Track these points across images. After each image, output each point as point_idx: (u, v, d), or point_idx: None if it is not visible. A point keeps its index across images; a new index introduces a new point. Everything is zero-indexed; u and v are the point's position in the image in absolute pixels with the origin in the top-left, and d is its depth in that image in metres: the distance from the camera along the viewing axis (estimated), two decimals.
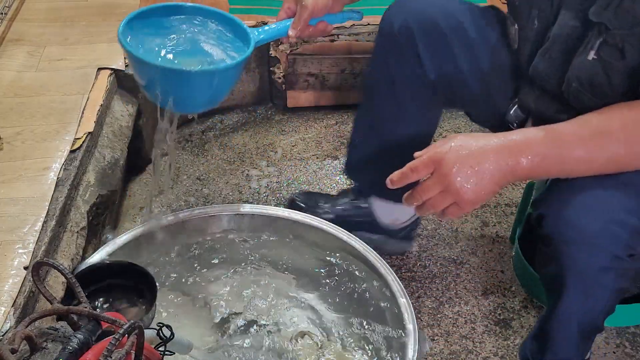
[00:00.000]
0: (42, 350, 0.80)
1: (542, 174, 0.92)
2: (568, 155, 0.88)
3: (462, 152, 0.88)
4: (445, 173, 0.88)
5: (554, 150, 0.88)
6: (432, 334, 1.37)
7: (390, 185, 0.94)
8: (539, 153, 0.88)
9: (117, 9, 1.82)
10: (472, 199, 0.89)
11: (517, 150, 0.88)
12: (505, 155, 0.88)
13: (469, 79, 1.21)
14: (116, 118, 1.53)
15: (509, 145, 0.88)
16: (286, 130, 1.94)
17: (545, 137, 0.89)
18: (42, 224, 1.13)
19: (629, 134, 0.88)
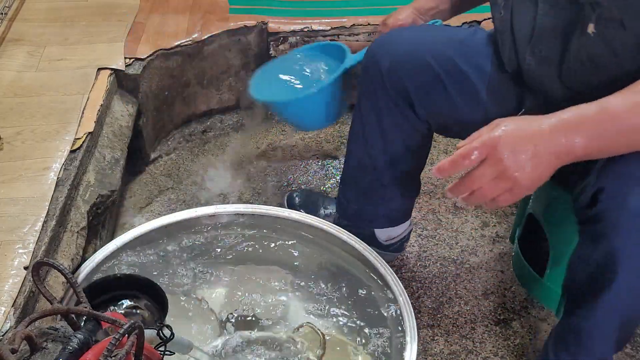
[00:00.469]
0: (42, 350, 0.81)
1: (600, 151, 0.85)
2: (624, 127, 0.83)
3: (516, 135, 0.83)
4: (500, 158, 0.83)
5: (608, 123, 0.82)
6: (432, 334, 1.37)
7: (439, 175, 0.88)
8: (592, 129, 0.82)
9: (117, 9, 1.82)
10: (528, 184, 0.84)
11: (572, 128, 0.83)
12: (560, 136, 0.82)
13: (466, 113, 1.18)
14: (116, 118, 1.53)
15: (563, 125, 0.83)
16: (286, 130, 1.94)
17: (598, 112, 0.83)
18: (42, 224, 1.13)
19: None
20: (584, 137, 0.82)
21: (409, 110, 1.21)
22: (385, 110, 1.23)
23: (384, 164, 1.29)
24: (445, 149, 1.87)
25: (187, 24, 1.80)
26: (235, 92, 1.94)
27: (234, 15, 1.85)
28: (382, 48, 1.22)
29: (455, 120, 1.20)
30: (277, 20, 1.84)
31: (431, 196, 1.71)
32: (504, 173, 0.83)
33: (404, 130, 1.24)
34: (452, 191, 0.89)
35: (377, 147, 1.28)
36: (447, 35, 1.21)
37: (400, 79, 1.18)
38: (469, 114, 1.18)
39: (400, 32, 1.25)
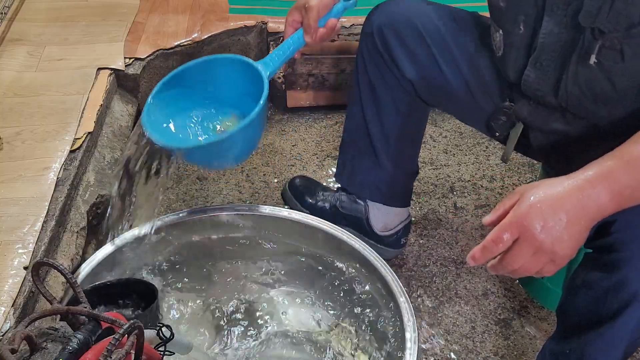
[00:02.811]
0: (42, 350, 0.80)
1: (631, 201, 0.81)
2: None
3: (543, 207, 0.79)
4: (532, 235, 0.80)
5: (633, 173, 0.80)
6: (432, 334, 1.37)
7: (473, 263, 0.84)
8: (622, 182, 0.79)
9: (117, 9, 1.82)
10: (568, 253, 0.81)
11: (599, 186, 0.79)
12: (589, 196, 0.79)
13: (449, 80, 1.22)
14: (116, 118, 1.53)
15: (589, 184, 0.80)
16: (286, 130, 1.94)
17: (620, 164, 0.80)
18: (42, 224, 1.13)
19: None
20: (612, 192, 0.79)
21: (395, 68, 1.25)
22: (375, 69, 1.27)
23: (376, 127, 1.33)
24: (445, 148, 1.87)
25: (187, 23, 1.80)
26: None
27: (233, 15, 1.85)
28: (379, 10, 1.28)
29: (438, 84, 1.23)
30: (277, 20, 1.84)
31: (431, 196, 1.71)
32: (542, 248, 0.80)
33: (393, 89, 1.27)
34: (494, 269, 0.87)
35: (370, 108, 1.32)
36: (442, 10, 1.24)
37: (388, 37, 1.23)
38: (452, 81, 1.21)
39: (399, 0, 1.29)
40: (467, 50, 1.20)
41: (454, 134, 1.92)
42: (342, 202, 1.47)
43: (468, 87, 1.21)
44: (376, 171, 1.38)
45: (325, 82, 1.94)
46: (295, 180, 1.59)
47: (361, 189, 1.43)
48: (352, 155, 1.41)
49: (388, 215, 1.45)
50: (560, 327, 1.09)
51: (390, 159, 1.36)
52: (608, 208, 0.80)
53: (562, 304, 1.06)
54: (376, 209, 1.44)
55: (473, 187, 1.74)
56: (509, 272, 0.85)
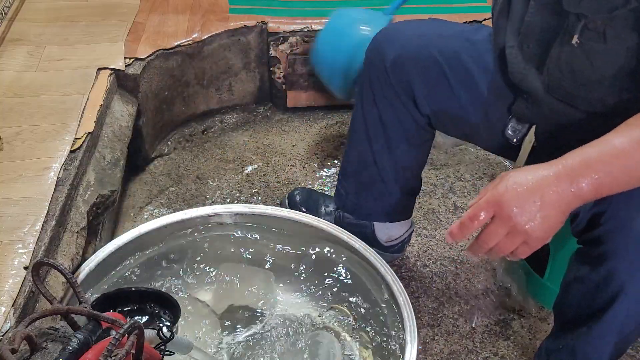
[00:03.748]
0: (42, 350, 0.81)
1: (609, 190, 0.82)
2: (631, 163, 0.81)
3: (520, 189, 0.82)
4: (507, 215, 0.82)
5: (614, 163, 0.81)
6: (432, 334, 1.37)
7: (450, 240, 0.88)
8: (600, 170, 0.80)
9: (117, 9, 1.82)
10: (541, 235, 0.83)
11: (578, 173, 0.81)
12: (566, 182, 0.81)
13: (466, 108, 1.17)
14: (116, 118, 1.53)
15: (566, 171, 0.81)
16: (286, 130, 1.94)
17: (602, 153, 0.81)
18: (42, 224, 1.13)
19: None
20: (591, 180, 0.80)
21: (411, 104, 1.21)
22: (387, 103, 1.22)
23: (385, 159, 1.29)
24: (446, 149, 1.87)
25: (187, 23, 1.80)
26: (235, 92, 1.94)
27: (233, 15, 1.85)
28: (388, 39, 1.20)
29: (456, 117, 1.20)
30: (277, 20, 1.84)
31: (431, 196, 1.71)
32: (515, 228, 0.82)
33: (405, 125, 1.24)
34: (471, 250, 0.89)
35: (379, 141, 1.28)
36: (453, 30, 1.21)
37: (405, 72, 1.17)
38: (471, 112, 1.18)
39: (406, 24, 1.24)
40: (488, 69, 1.14)
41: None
42: (346, 218, 1.46)
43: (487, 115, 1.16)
44: (383, 199, 1.37)
45: None
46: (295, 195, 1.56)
47: (368, 217, 1.42)
48: (357, 186, 1.38)
49: (393, 229, 1.44)
50: (556, 324, 1.09)
51: (399, 185, 1.34)
52: (585, 195, 0.81)
53: (557, 301, 1.07)
54: (381, 225, 1.43)
55: (473, 187, 1.74)
56: (485, 252, 0.87)
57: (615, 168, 0.81)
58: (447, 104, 1.18)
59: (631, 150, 0.81)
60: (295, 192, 1.58)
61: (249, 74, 1.93)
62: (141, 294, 1.09)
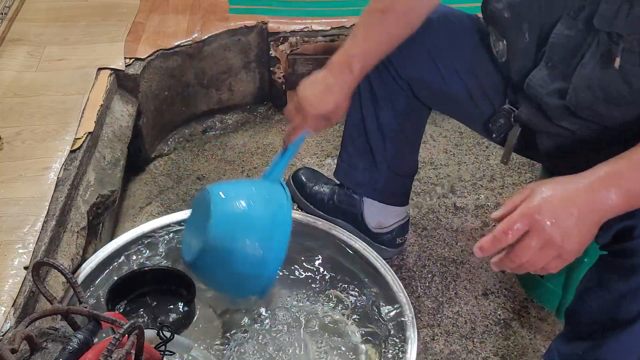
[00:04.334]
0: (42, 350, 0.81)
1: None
2: None
3: (555, 201, 0.81)
4: (543, 228, 0.81)
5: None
6: (432, 334, 1.37)
7: (480, 254, 0.86)
8: (631, 179, 0.81)
9: (117, 9, 1.82)
10: (577, 249, 0.82)
11: (610, 184, 0.81)
12: (600, 194, 0.81)
13: (447, 83, 1.21)
14: (116, 118, 1.53)
15: (601, 182, 0.81)
16: (286, 130, 1.93)
17: (631, 162, 0.82)
18: (42, 224, 1.13)
19: None
20: (624, 191, 0.81)
21: (391, 67, 1.24)
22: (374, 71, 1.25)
23: (373, 126, 1.32)
24: (446, 148, 1.87)
25: (187, 23, 1.80)
26: (235, 92, 1.94)
27: (234, 15, 1.85)
28: None
29: (436, 86, 1.22)
30: (277, 20, 1.84)
31: (431, 196, 1.71)
32: (550, 242, 0.81)
33: (389, 87, 1.27)
34: (498, 265, 0.87)
35: (368, 107, 1.31)
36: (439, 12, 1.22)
37: None
38: (450, 84, 1.21)
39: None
40: (466, 54, 1.19)
41: (454, 133, 1.92)
42: (338, 196, 1.47)
43: (467, 90, 1.21)
44: (372, 171, 1.38)
45: None
46: (300, 171, 1.59)
47: (357, 186, 1.43)
48: (350, 153, 1.41)
49: (383, 213, 1.44)
50: (570, 328, 1.08)
51: (387, 160, 1.36)
52: (618, 206, 0.81)
53: (573, 305, 1.06)
54: (371, 205, 1.44)
55: (473, 187, 1.74)
56: (515, 267, 0.85)
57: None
58: (426, 73, 1.22)
59: None
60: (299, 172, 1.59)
61: (249, 74, 1.93)
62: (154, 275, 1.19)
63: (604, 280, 0.98)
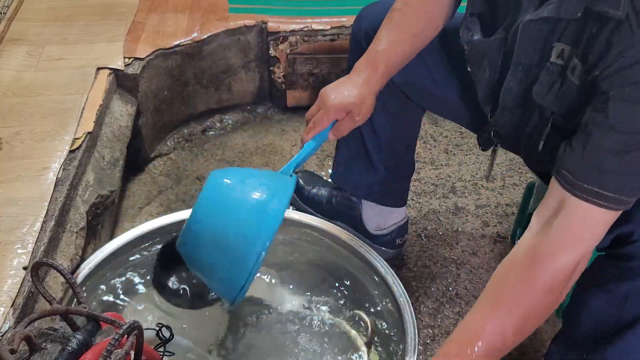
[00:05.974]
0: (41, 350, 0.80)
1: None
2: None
3: None
4: None
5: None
6: (432, 334, 1.36)
7: None
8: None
9: (116, 8, 1.82)
10: None
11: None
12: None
13: (440, 85, 1.20)
14: (115, 118, 1.53)
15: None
16: (286, 130, 1.94)
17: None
18: (41, 224, 1.13)
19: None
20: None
21: None
22: None
23: (368, 129, 1.32)
24: (446, 148, 1.87)
25: (186, 23, 1.79)
26: (235, 92, 1.94)
27: (233, 14, 1.84)
28: (366, 13, 1.26)
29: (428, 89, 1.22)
30: (277, 20, 1.84)
31: (431, 196, 1.71)
32: None
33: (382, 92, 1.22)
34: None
35: None
36: None
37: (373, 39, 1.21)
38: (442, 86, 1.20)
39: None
40: (459, 64, 1.16)
41: (455, 133, 1.92)
42: (337, 198, 1.47)
43: (460, 98, 1.20)
44: (369, 173, 1.38)
45: (325, 82, 1.93)
46: (298, 175, 1.59)
47: (354, 189, 1.44)
48: (346, 156, 1.40)
49: (381, 214, 1.44)
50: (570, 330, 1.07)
51: (383, 161, 1.36)
52: None
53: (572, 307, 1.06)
54: (369, 207, 1.44)
55: (474, 187, 1.74)
56: None
57: None
58: (417, 76, 1.21)
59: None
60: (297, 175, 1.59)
61: (249, 73, 1.92)
62: None
63: (604, 282, 0.98)
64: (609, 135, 0.79)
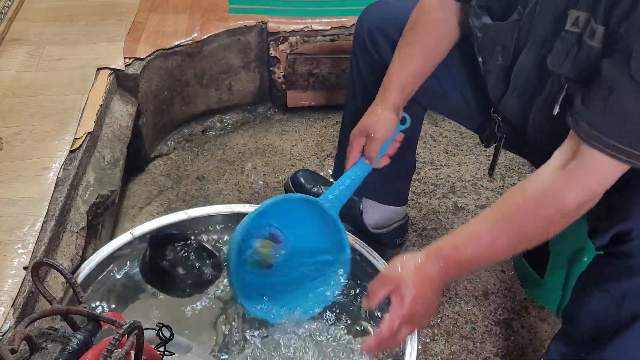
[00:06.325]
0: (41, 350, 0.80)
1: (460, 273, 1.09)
2: (483, 246, 0.93)
3: (418, 302, 0.93)
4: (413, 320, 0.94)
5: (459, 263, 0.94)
6: (432, 334, 1.37)
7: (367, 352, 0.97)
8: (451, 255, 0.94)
9: (116, 9, 1.82)
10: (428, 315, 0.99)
11: (441, 257, 0.94)
12: (434, 264, 0.94)
13: (442, 85, 1.21)
14: (116, 118, 1.53)
15: (433, 255, 0.94)
16: (286, 130, 1.94)
17: (451, 250, 0.94)
18: (42, 224, 1.13)
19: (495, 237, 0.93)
20: (452, 246, 0.94)
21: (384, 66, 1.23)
22: (367, 68, 1.28)
23: None
24: (446, 148, 1.87)
25: (186, 23, 1.80)
26: (235, 92, 1.94)
27: (233, 14, 1.85)
28: (369, 12, 1.28)
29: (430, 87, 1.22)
30: (277, 20, 1.84)
31: (431, 196, 1.71)
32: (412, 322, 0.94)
33: None
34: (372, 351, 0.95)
35: (364, 106, 1.30)
36: None
37: (378, 39, 1.24)
38: (445, 85, 1.21)
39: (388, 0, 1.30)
40: (460, 58, 1.19)
41: (455, 133, 1.92)
42: None
43: (463, 96, 1.21)
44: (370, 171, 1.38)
45: (325, 82, 1.94)
46: (299, 173, 1.60)
47: None
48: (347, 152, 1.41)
49: (382, 213, 1.44)
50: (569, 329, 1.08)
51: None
52: (451, 273, 0.96)
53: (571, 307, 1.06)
54: (369, 206, 1.44)
55: (474, 187, 1.74)
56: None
57: (469, 251, 0.93)
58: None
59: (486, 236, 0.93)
60: (298, 174, 1.60)
61: (249, 73, 1.92)
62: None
63: (603, 281, 0.98)
64: (631, 89, 0.80)
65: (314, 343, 1.20)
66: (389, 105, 1.15)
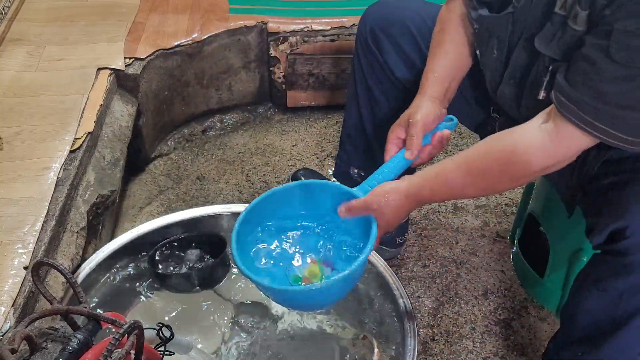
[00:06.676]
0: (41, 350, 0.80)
1: (441, 198, 1.16)
2: (454, 184, 0.99)
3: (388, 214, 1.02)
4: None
5: (442, 183, 1.00)
6: (432, 334, 1.37)
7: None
8: (435, 186, 1.00)
9: (116, 9, 1.82)
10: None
11: (421, 188, 1.01)
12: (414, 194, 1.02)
13: None
14: (116, 118, 1.53)
15: (414, 188, 1.01)
16: (286, 130, 1.94)
17: (436, 175, 1.01)
18: (42, 224, 1.13)
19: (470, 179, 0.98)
20: (429, 190, 1.00)
21: (386, 67, 1.27)
22: (369, 68, 1.29)
23: (372, 125, 1.34)
24: (446, 148, 1.87)
25: (186, 23, 1.80)
26: (235, 92, 1.94)
27: (233, 15, 1.85)
28: (371, 11, 1.29)
29: None
30: (277, 20, 1.84)
31: None
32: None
33: (386, 88, 1.29)
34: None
35: (366, 106, 1.34)
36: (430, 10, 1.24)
37: (380, 38, 1.25)
38: None
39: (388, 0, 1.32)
40: None
41: (454, 133, 1.92)
42: None
43: (462, 94, 1.21)
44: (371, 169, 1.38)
45: (325, 82, 1.94)
46: (299, 172, 1.61)
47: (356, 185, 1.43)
48: (349, 152, 1.41)
49: None
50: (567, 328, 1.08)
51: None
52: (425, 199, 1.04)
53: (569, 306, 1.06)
54: None
55: None
56: None
57: (442, 186, 1.00)
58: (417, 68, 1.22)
59: (454, 177, 0.99)
60: (299, 173, 1.61)
61: (249, 73, 1.93)
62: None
63: (600, 280, 0.99)
64: (610, 69, 0.82)
65: (314, 343, 1.20)
66: (427, 96, 1.14)
